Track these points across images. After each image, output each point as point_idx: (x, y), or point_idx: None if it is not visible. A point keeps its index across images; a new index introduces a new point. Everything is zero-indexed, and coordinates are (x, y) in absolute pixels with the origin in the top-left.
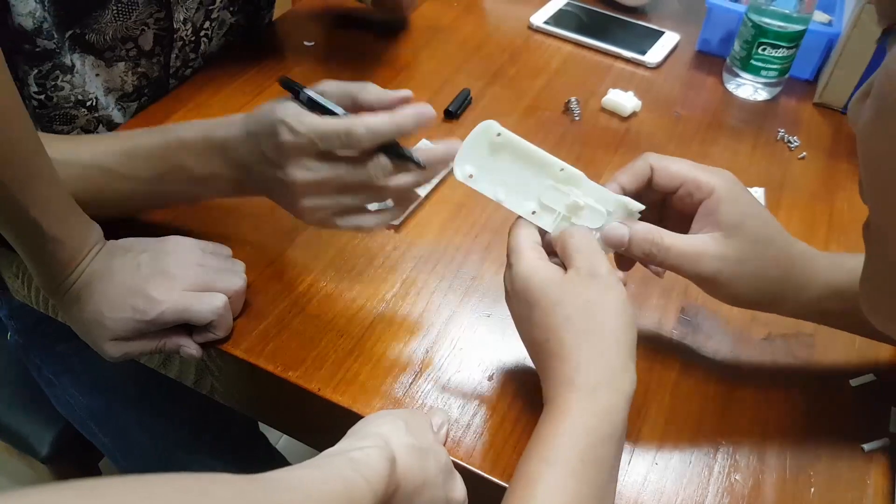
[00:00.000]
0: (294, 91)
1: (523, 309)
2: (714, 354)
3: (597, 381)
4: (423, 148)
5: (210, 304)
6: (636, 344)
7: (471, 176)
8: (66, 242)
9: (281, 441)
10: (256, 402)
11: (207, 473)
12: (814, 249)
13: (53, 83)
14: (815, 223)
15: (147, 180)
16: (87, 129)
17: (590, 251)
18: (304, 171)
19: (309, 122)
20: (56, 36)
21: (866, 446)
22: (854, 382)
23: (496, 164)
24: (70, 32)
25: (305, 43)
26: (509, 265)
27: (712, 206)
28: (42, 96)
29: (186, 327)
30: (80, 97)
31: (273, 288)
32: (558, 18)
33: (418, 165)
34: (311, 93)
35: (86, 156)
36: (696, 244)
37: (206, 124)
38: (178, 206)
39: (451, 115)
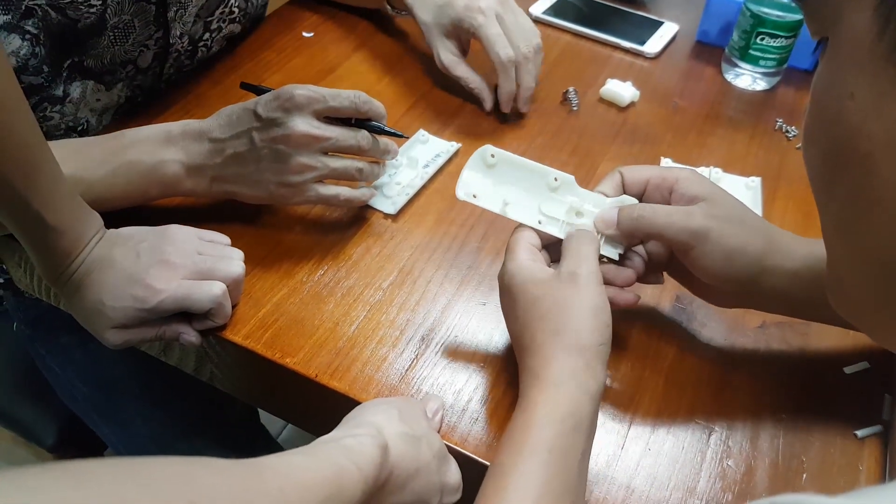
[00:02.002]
0: (259, 92)
1: (507, 304)
2: (708, 342)
3: (561, 376)
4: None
5: (209, 292)
6: (609, 345)
7: (475, 196)
8: (66, 232)
9: (283, 434)
10: (255, 388)
11: (199, 458)
12: (790, 233)
13: (42, 114)
14: (812, 212)
15: (96, 181)
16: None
17: (577, 254)
18: (307, 125)
19: (318, 87)
20: (46, 69)
21: (859, 433)
22: (848, 370)
23: (497, 183)
24: (68, 62)
25: (304, 34)
26: (503, 262)
27: (684, 186)
28: None
29: (186, 315)
30: (70, 124)
31: (271, 276)
32: (557, 8)
33: (401, 136)
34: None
35: None
36: (684, 207)
37: (162, 124)
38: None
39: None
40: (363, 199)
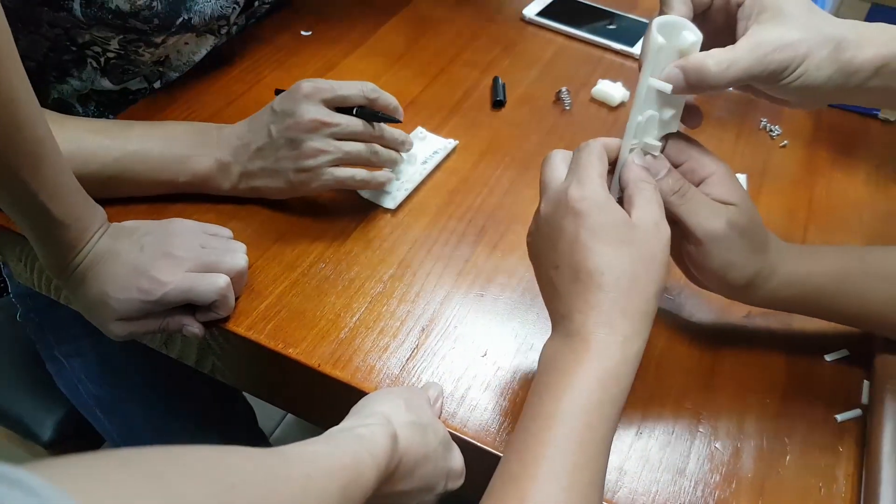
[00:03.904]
0: None
1: (576, 230)
2: (696, 331)
3: (634, 331)
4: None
5: (213, 284)
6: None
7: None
8: (71, 225)
9: (275, 433)
10: (257, 379)
11: (230, 446)
12: (783, 247)
13: (135, 49)
14: (796, 209)
15: (131, 153)
16: (148, 78)
17: (655, 202)
18: (316, 112)
19: (327, 80)
20: (157, 21)
21: (839, 417)
22: (829, 357)
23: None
24: (180, 20)
25: (303, 32)
26: (578, 181)
27: (714, 185)
28: (120, 55)
29: (189, 307)
30: (157, 59)
31: (273, 269)
32: (551, 11)
33: (395, 121)
34: None
35: (79, 127)
36: (715, 204)
37: (199, 122)
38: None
39: (500, 104)
40: (380, 181)
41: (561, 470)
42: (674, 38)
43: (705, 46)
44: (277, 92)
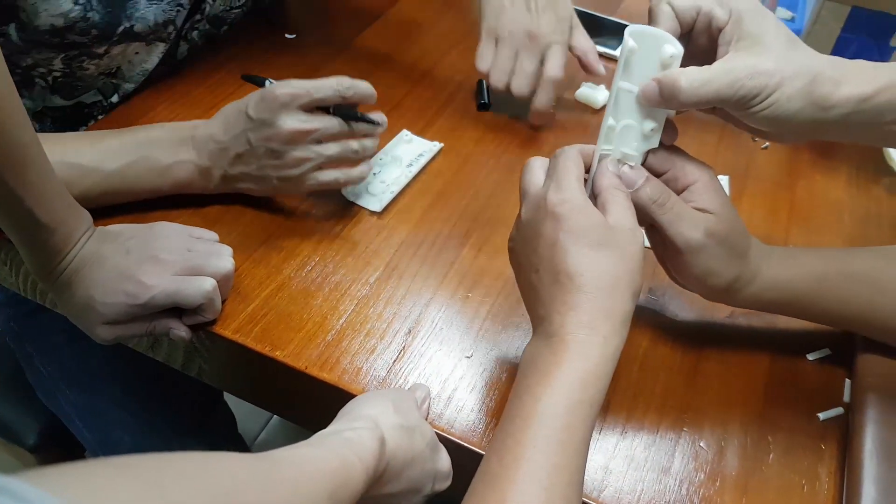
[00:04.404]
0: (259, 83)
1: (556, 233)
2: (680, 331)
3: (613, 331)
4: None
5: (200, 287)
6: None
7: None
8: (57, 229)
9: (260, 437)
10: (244, 382)
11: (219, 452)
12: (764, 252)
13: (79, 65)
14: (777, 210)
15: (112, 173)
16: (102, 91)
17: (627, 208)
18: (295, 121)
19: (300, 80)
20: (95, 32)
21: (822, 415)
22: (811, 357)
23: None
24: (121, 28)
25: (287, 35)
26: (556, 185)
27: (697, 193)
28: (66, 72)
29: (176, 310)
30: (104, 71)
31: (260, 272)
32: None
33: (373, 123)
34: (275, 83)
35: (55, 150)
36: (695, 214)
37: (173, 123)
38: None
39: (485, 107)
40: (362, 176)
41: (541, 471)
42: (654, 49)
43: (687, 66)
44: (246, 78)
